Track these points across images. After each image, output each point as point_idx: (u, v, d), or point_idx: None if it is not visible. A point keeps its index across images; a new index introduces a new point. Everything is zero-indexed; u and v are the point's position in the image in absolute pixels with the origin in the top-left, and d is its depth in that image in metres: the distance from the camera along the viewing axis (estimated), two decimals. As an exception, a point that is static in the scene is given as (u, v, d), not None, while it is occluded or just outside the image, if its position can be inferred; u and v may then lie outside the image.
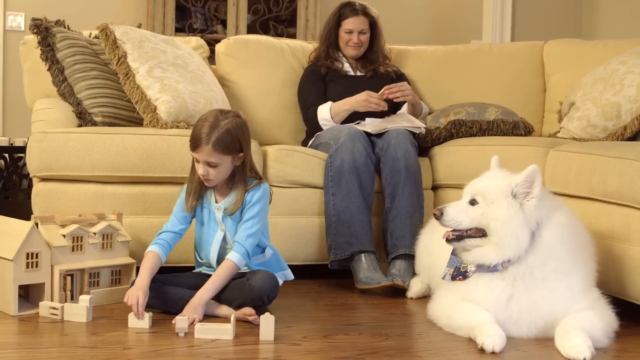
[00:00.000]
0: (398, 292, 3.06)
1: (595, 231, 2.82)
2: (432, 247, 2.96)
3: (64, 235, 2.67)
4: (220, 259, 2.68)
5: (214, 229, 2.70)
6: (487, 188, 2.53)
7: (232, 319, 2.39)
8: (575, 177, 2.96)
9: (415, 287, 3.04)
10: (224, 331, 2.37)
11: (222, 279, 2.55)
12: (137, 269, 2.78)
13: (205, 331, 2.38)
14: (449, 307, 2.59)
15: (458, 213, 2.54)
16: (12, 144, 4.05)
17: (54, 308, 2.52)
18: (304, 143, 3.70)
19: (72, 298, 2.68)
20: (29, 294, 2.68)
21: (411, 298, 3.02)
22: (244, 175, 2.64)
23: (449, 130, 3.52)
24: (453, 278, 2.59)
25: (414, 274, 3.14)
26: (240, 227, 2.62)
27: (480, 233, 2.52)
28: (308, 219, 3.27)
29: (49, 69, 3.30)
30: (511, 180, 2.50)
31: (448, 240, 2.57)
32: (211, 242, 2.70)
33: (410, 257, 3.13)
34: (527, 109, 3.96)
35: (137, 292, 2.46)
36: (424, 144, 3.54)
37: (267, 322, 2.38)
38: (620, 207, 2.74)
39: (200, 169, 2.55)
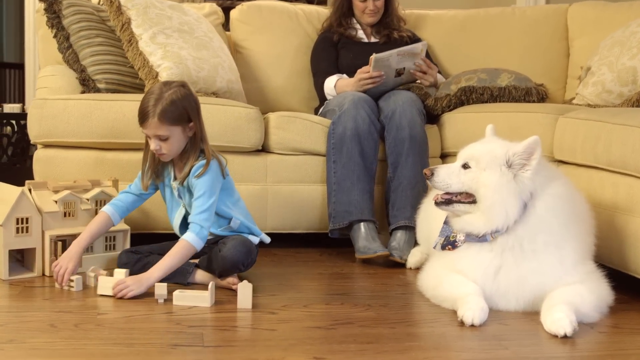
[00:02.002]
0: (398, 262, 3.00)
1: (600, 202, 2.72)
2: (431, 217, 2.89)
3: (56, 201, 2.68)
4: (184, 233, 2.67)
5: (176, 205, 2.67)
6: (481, 153, 2.45)
7: (210, 286, 2.38)
8: (581, 145, 2.84)
9: (414, 258, 2.98)
10: (201, 298, 2.37)
11: (175, 258, 2.49)
12: (134, 238, 2.81)
13: (184, 298, 2.37)
14: (436, 278, 2.54)
15: (449, 175, 2.47)
16: (24, 111, 4.12)
17: (70, 280, 2.51)
18: (317, 110, 3.65)
19: (64, 263, 2.70)
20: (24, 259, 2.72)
21: (410, 268, 2.97)
22: (195, 147, 2.57)
23: (458, 97, 3.42)
24: (443, 247, 2.53)
25: (415, 244, 3.08)
26: (193, 207, 2.56)
27: (470, 199, 2.44)
28: (310, 186, 3.23)
29: (54, 36, 3.32)
30: (509, 149, 2.41)
31: (437, 204, 2.50)
32: (174, 216, 2.69)
33: (410, 229, 3.07)
34: (549, 75, 3.83)
35: (67, 262, 2.49)
36: (434, 111, 3.45)
37: (244, 290, 2.36)
38: (624, 176, 2.62)
39: (152, 144, 2.51)
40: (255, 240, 2.68)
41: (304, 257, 3.14)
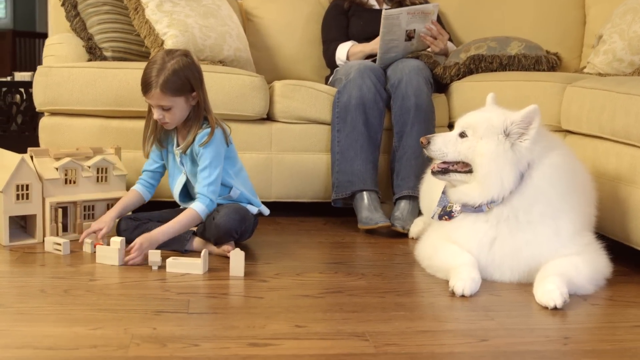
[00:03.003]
0: (401, 232, 2.98)
1: (604, 172, 2.67)
2: (433, 187, 2.86)
3: (57, 168, 2.71)
4: (186, 200, 2.70)
5: (177, 172, 2.69)
6: (478, 122, 2.41)
7: (203, 253, 2.39)
8: (587, 114, 2.79)
9: (416, 228, 2.96)
10: (194, 266, 2.38)
11: (180, 225, 2.53)
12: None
13: (177, 265, 2.39)
14: (431, 248, 2.52)
15: (445, 144, 2.44)
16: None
17: (58, 244, 2.56)
18: (327, 79, 3.63)
19: (65, 230, 2.73)
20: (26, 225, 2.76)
21: (412, 238, 2.94)
22: (198, 116, 2.57)
23: (467, 66, 3.36)
24: (440, 218, 2.51)
25: (419, 214, 3.05)
26: (199, 178, 2.57)
27: (467, 168, 2.41)
28: (315, 155, 3.21)
29: (62, 4, 3.34)
30: (507, 118, 2.37)
31: (433, 173, 2.48)
32: (175, 184, 2.70)
33: (414, 199, 3.04)
34: (564, 44, 3.75)
35: (98, 224, 2.57)
36: (443, 80, 3.40)
37: (236, 258, 2.37)
38: (628, 146, 2.57)
39: (156, 114, 2.51)
40: (252, 209, 2.68)
41: (308, 226, 3.14)
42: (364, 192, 3.04)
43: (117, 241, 2.44)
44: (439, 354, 1.77)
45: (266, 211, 2.75)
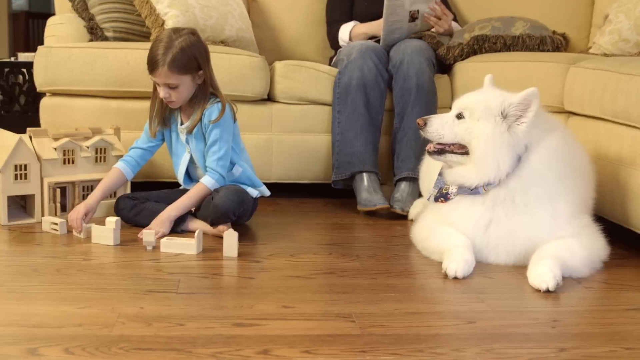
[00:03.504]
0: (400, 214, 2.97)
1: (605, 154, 2.64)
2: (432, 168, 2.84)
3: (55, 149, 2.72)
4: (187, 180, 2.70)
5: (181, 150, 2.69)
6: (476, 104, 2.39)
7: (196, 234, 2.39)
8: (589, 95, 2.75)
9: (416, 209, 2.94)
10: (188, 246, 2.38)
11: (192, 199, 2.56)
12: (134, 185, 2.83)
13: (171, 245, 2.39)
14: (427, 230, 2.50)
15: (442, 125, 2.42)
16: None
17: (55, 223, 2.57)
18: (332, 59, 3.60)
19: (63, 210, 2.74)
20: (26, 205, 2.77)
21: (411, 220, 2.93)
22: (204, 94, 2.57)
23: (471, 47, 3.33)
24: (435, 200, 2.49)
25: (419, 195, 3.03)
26: (208, 153, 2.59)
27: (463, 150, 2.39)
28: (316, 136, 3.20)
29: (64, -16, 3.34)
30: (504, 100, 2.34)
31: (429, 153, 2.47)
32: (179, 163, 2.70)
33: (414, 180, 3.02)
34: (572, 24, 3.70)
35: (80, 206, 2.54)
36: (446, 61, 3.37)
37: (230, 239, 2.37)
38: (629, 128, 2.53)
39: (162, 92, 2.51)
40: (253, 192, 2.68)
41: (307, 207, 3.13)
42: (364, 174, 3.02)
43: (112, 221, 2.44)
44: (424, 335, 1.76)
45: (267, 192, 2.75)
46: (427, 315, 1.90)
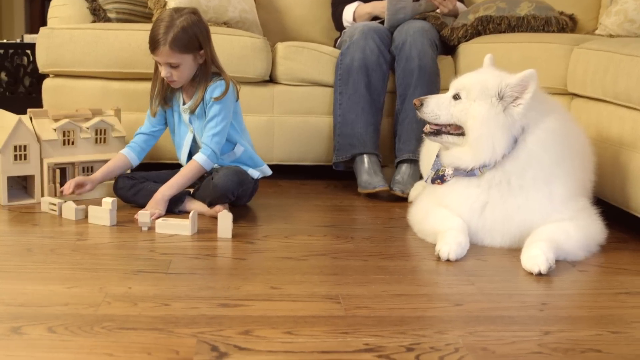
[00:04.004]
0: (400, 196, 2.96)
1: (607, 137, 2.60)
2: (432, 150, 2.82)
3: (55, 130, 2.73)
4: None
5: (184, 130, 2.69)
6: (472, 84, 2.36)
7: (191, 215, 2.40)
8: (591, 77, 2.71)
9: (416, 192, 2.92)
10: (182, 227, 2.39)
11: (185, 177, 2.56)
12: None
13: (165, 226, 2.40)
14: (423, 212, 2.49)
15: (438, 106, 2.40)
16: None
17: (53, 204, 2.59)
18: (337, 41, 3.58)
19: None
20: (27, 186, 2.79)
21: (411, 202, 2.90)
22: (205, 73, 2.58)
23: (475, 27, 3.29)
24: (432, 181, 2.48)
25: (420, 177, 3.02)
26: (205, 128, 2.59)
27: (459, 131, 2.37)
28: (318, 118, 3.19)
29: (67, -35, 3.33)
30: (502, 81, 2.32)
31: (426, 134, 2.45)
32: (182, 143, 2.70)
33: (415, 163, 3.01)
34: (581, 4, 3.65)
35: (80, 178, 2.58)
36: (450, 42, 3.33)
37: (224, 220, 2.37)
38: (630, 110, 2.50)
39: (163, 71, 2.51)
40: (254, 174, 2.68)
41: (308, 189, 3.13)
42: (364, 156, 3.01)
43: (108, 202, 2.45)
44: (408, 317, 1.75)
45: (268, 171, 2.75)
46: (414, 297, 1.89)
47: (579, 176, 2.39)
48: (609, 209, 2.55)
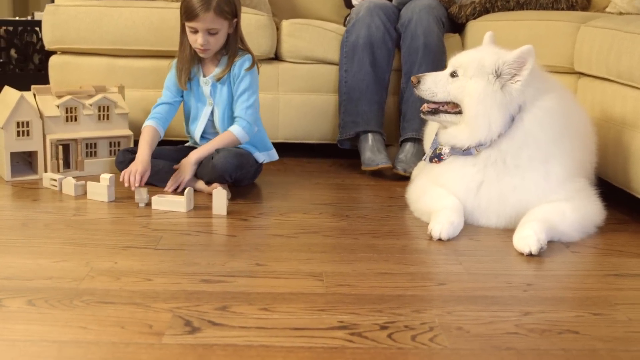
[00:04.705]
0: (403, 175, 2.94)
1: (611, 116, 2.56)
2: (435, 129, 2.80)
3: (58, 106, 2.75)
4: (204, 136, 2.70)
5: (202, 104, 2.69)
6: (469, 61, 2.33)
7: (187, 192, 2.40)
8: (596, 55, 2.66)
9: (418, 170, 2.89)
10: (178, 203, 2.40)
11: (216, 145, 2.58)
12: (136, 142, 2.84)
13: (161, 203, 2.42)
14: (419, 191, 2.48)
15: (435, 84, 2.38)
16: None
17: (54, 179, 2.62)
18: (346, 19, 3.55)
19: (67, 167, 2.78)
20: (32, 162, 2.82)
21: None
22: (236, 42, 2.62)
23: (483, 5, 3.24)
24: (430, 160, 2.46)
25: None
26: (237, 102, 2.61)
27: (457, 109, 2.35)
28: (323, 96, 3.18)
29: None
30: (499, 58, 2.29)
31: (423, 113, 2.43)
32: (199, 116, 2.70)
33: (419, 142, 2.98)
34: (596, -19, 3.56)
35: (136, 165, 2.50)
36: (458, 19, 3.29)
37: (218, 197, 2.38)
38: (633, 89, 2.45)
39: (200, 39, 2.52)
40: (260, 157, 2.67)
41: (313, 167, 3.12)
42: (369, 134, 2.99)
43: (106, 178, 2.47)
44: (387, 296, 1.74)
45: (275, 157, 2.76)
46: (397, 276, 1.88)
47: (577, 156, 2.35)
48: (611, 190, 2.51)
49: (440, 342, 1.50)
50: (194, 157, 2.58)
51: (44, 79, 3.17)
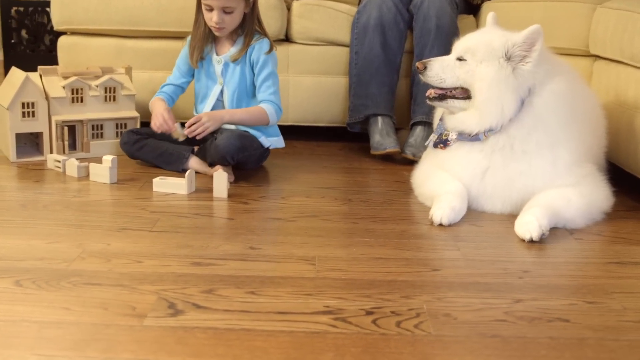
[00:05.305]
0: (412, 160, 2.89)
1: (624, 100, 2.49)
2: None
3: (64, 87, 2.74)
4: None
5: (212, 83, 2.67)
6: (478, 45, 2.28)
7: (187, 174, 2.38)
8: (610, 37, 2.59)
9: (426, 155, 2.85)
10: (178, 186, 2.38)
11: (250, 114, 2.58)
12: (142, 124, 2.84)
13: (162, 185, 2.40)
14: (424, 175, 2.43)
15: (443, 69, 2.33)
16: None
17: (58, 161, 2.62)
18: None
19: (74, 148, 2.78)
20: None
21: (421, 166, 2.84)
22: (252, 23, 2.59)
23: (498, -15, 3.17)
24: (435, 146, 2.41)
25: (434, 141, 2.94)
26: (261, 88, 2.60)
27: (465, 94, 2.30)
28: (334, 78, 3.13)
29: None
30: (508, 40, 2.23)
31: (430, 99, 2.38)
32: (209, 95, 2.68)
33: (429, 125, 2.92)
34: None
35: (159, 115, 2.55)
36: (473, 1, 3.22)
37: (219, 180, 2.36)
38: (647, 72, 2.37)
39: (215, 17, 2.50)
40: (265, 142, 2.64)
41: (322, 150, 3.08)
42: (378, 117, 2.95)
43: (108, 159, 2.46)
44: (378, 281, 1.71)
45: (281, 144, 2.72)
46: (392, 261, 1.84)
47: (586, 141, 2.30)
48: (623, 176, 2.44)
49: (424, 329, 1.47)
50: (226, 116, 2.56)
51: (54, 60, 3.17)
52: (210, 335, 1.43)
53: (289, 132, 3.06)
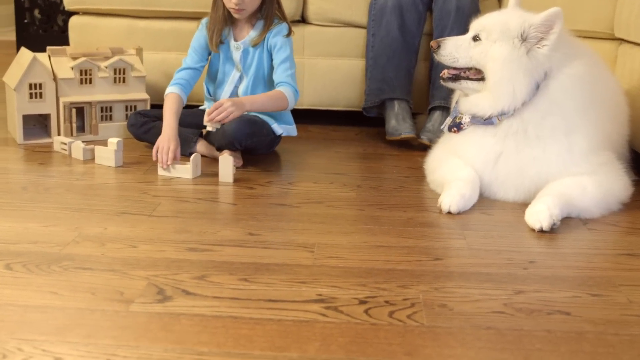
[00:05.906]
0: (428, 145, 2.81)
1: (648, 87, 2.39)
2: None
3: (72, 68, 2.71)
4: None
5: (229, 68, 2.61)
6: (493, 24, 2.20)
7: (192, 158, 2.34)
8: (635, 20, 2.49)
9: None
10: (184, 170, 2.34)
11: (267, 99, 2.50)
12: (152, 106, 2.80)
13: (167, 169, 2.36)
14: (436, 162, 2.36)
15: (456, 48, 2.26)
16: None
17: (64, 143, 2.59)
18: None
19: (82, 131, 2.75)
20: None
21: (436, 152, 2.76)
22: (272, 5, 2.54)
23: (521, -34, 3.06)
24: (449, 129, 2.34)
25: (451, 126, 2.86)
26: (279, 70, 2.53)
27: (479, 75, 2.23)
28: (351, 61, 3.06)
29: None
30: (525, 21, 2.15)
31: (443, 80, 2.31)
32: (226, 81, 2.62)
33: (447, 110, 2.83)
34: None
35: (166, 142, 2.38)
36: (494, -19, 3.13)
37: (224, 164, 2.31)
38: (671, 57, 2.27)
39: None
40: (277, 130, 2.57)
41: (337, 135, 3.02)
42: (395, 101, 2.87)
43: (113, 142, 2.42)
44: (377, 269, 1.65)
45: (294, 132, 2.66)
46: (393, 249, 1.78)
47: (605, 128, 2.21)
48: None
49: (417, 319, 1.41)
50: (247, 105, 2.45)
51: (67, 41, 3.13)
52: (196, 322, 1.38)
53: (304, 116, 3.00)
